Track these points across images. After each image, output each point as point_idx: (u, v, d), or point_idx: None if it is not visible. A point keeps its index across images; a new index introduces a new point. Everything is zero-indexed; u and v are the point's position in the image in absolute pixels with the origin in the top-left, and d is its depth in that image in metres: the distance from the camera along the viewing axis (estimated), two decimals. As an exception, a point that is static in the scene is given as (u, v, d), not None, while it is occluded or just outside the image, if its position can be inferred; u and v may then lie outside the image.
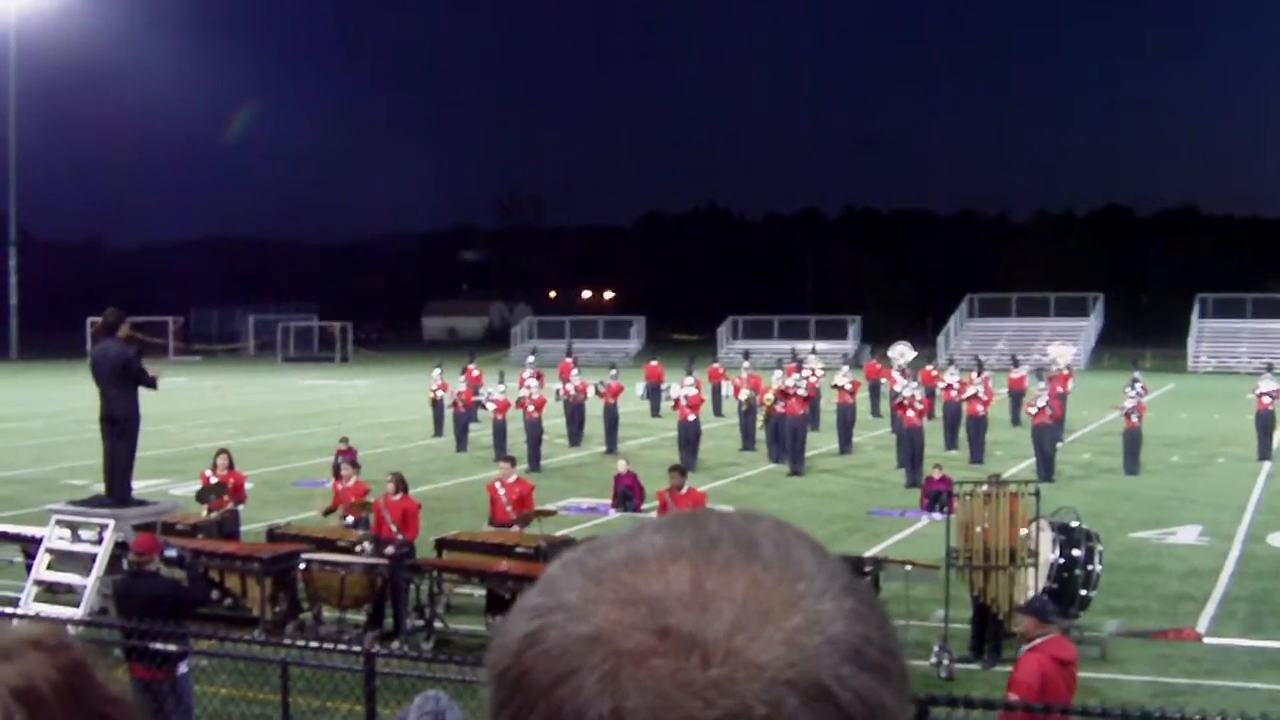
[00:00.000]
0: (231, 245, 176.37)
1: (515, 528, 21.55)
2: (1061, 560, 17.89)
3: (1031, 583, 17.29)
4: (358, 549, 19.54)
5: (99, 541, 18.62)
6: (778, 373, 39.13)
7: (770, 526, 1.20)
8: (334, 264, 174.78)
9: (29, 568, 19.54)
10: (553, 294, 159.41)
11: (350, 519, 21.29)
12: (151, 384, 19.57)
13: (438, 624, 18.71)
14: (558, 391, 42.16)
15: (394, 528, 19.61)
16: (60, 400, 55.10)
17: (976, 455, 36.45)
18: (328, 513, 22.49)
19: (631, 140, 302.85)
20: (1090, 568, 18.09)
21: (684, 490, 21.42)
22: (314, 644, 13.94)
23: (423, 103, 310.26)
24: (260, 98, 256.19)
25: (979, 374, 38.93)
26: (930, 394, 40.97)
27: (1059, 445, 36.34)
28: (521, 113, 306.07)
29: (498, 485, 22.38)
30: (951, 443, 38.84)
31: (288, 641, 14.32)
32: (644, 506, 28.64)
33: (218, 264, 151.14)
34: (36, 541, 19.60)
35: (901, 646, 1.18)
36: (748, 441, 40.47)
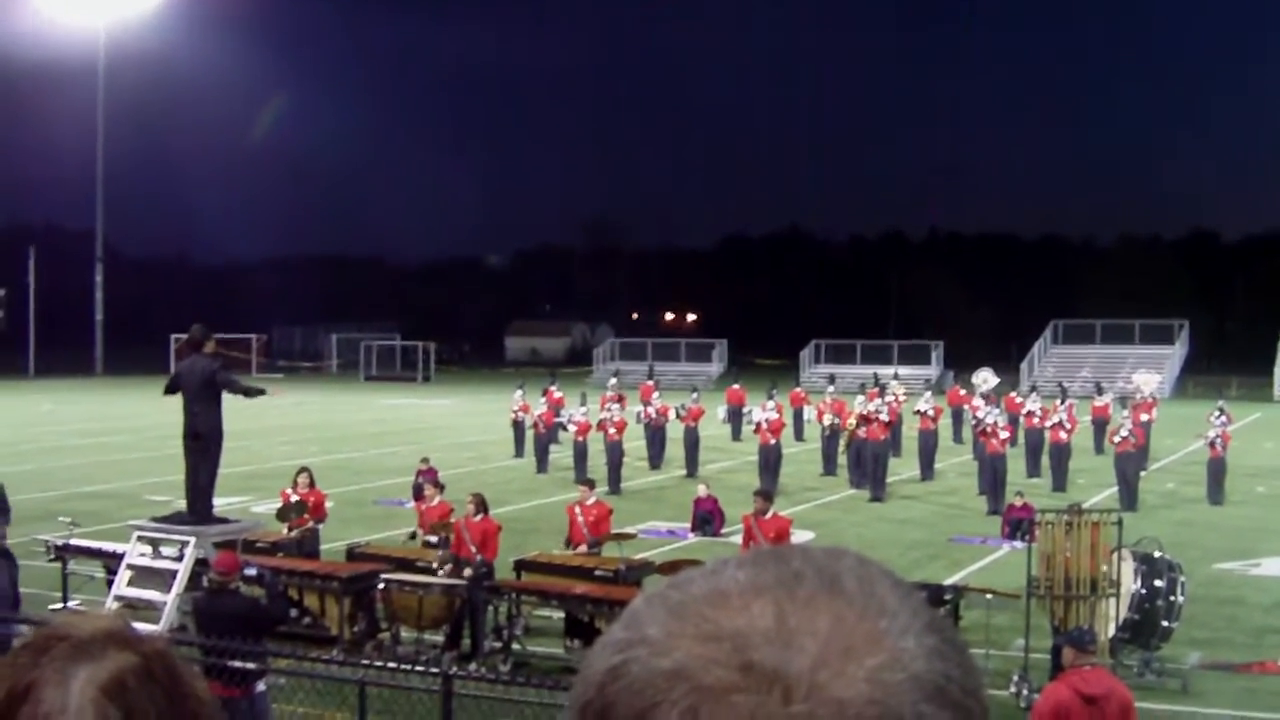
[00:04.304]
0: (315, 263, 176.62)
1: (583, 548, 21.65)
2: (1143, 591, 17.72)
3: (1113, 613, 17.16)
4: (437, 569, 19.62)
5: (180, 558, 18.77)
6: (860, 397, 39.01)
7: (853, 562, 1.19)
8: (417, 284, 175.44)
9: (110, 583, 19.71)
10: (635, 316, 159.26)
11: (432, 538, 21.32)
12: (246, 393, 19.67)
13: (516, 646, 18.71)
14: (639, 414, 42.21)
15: (473, 548, 19.66)
16: (144, 416, 55.57)
17: (1059, 483, 36.23)
18: (413, 535, 22.65)
19: (713, 163, 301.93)
20: (1173, 599, 17.89)
21: (769, 515, 21.24)
22: (391, 664, 14.00)
23: (507, 125, 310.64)
24: (345, 119, 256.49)
25: (1062, 401, 38.76)
26: (1013, 421, 40.73)
27: (1142, 474, 36.01)
28: (604, 135, 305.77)
29: (576, 508, 22.42)
30: (1034, 470, 38.63)
31: (365, 661, 14.35)
32: (724, 530, 28.59)
33: (301, 282, 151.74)
34: (118, 557, 19.77)
35: (983, 685, 1.17)
36: (829, 466, 40.35)
